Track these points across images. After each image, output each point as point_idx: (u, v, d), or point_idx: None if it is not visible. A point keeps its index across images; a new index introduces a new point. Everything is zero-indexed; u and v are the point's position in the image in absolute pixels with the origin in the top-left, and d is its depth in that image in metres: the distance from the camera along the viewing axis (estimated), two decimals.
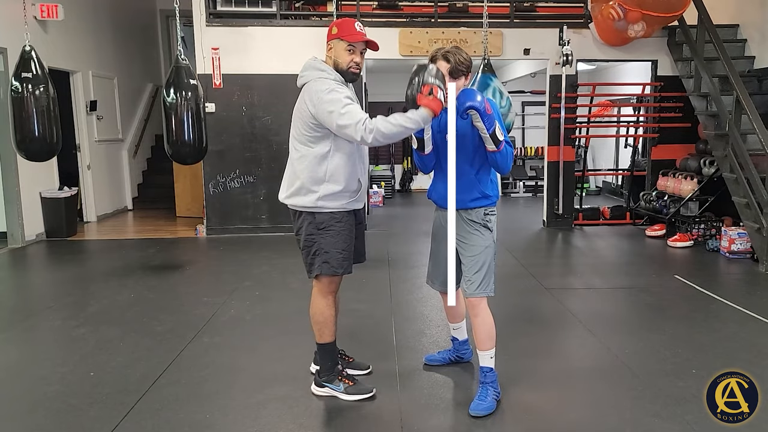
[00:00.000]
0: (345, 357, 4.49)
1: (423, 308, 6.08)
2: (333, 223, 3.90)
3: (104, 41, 11.83)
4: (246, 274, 7.37)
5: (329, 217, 3.89)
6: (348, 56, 3.90)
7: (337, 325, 4.12)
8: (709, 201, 9.31)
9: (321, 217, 3.90)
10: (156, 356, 4.82)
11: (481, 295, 3.91)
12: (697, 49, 9.13)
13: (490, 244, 3.94)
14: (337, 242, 3.91)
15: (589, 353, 4.89)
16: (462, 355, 4.59)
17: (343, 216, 3.93)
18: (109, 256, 8.77)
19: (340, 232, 3.91)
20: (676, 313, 5.88)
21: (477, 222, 3.92)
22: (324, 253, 3.91)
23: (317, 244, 3.92)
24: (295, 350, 4.86)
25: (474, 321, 3.98)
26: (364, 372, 4.44)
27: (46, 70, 7.37)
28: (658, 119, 10.31)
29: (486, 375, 3.96)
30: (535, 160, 15.46)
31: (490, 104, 3.66)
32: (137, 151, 13.16)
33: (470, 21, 9.84)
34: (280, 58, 9.56)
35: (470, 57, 3.85)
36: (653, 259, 8.20)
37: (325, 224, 3.90)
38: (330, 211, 3.89)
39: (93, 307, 6.19)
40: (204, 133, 7.49)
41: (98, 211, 11.45)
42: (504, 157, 3.72)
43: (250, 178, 9.85)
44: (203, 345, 5.07)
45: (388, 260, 7.53)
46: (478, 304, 3.93)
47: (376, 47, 3.97)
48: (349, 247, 3.98)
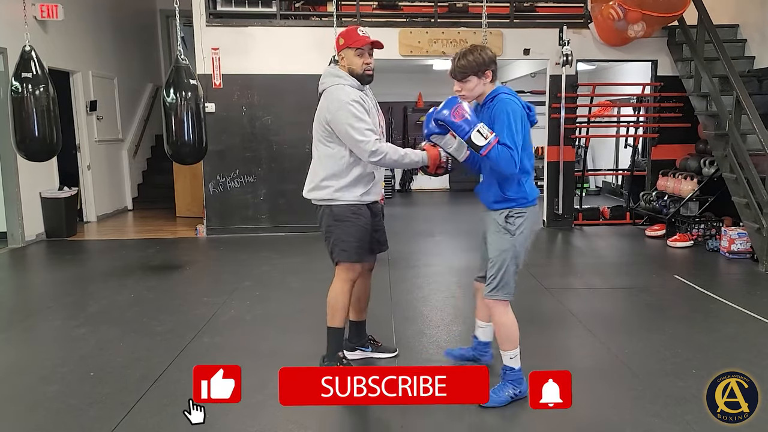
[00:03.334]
0: (374, 342, 4.83)
1: (423, 308, 6.08)
2: (349, 214, 4.24)
3: (104, 41, 11.83)
4: (246, 274, 7.37)
5: (346, 209, 4.24)
6: (359, 60, 4.19)
7: (367, 309, 4.72)
8: (709, 201, 9.30)
9: (338, 209, 4.25)
10: (156, 356, 4.82)
11: (494, 298, 3.98)
12: (697, 49, 9.12)
13: (509, 247, 3.94)
14: (353, 232, 4.25)
15: (589, 353, 4.90)
16: (480, 357, 4.54)
17: (358, 208, 4.27)
18: (109, 256, 8.79)
19: (355, 223, 4.25)
20: (676, 313, 5.90)
21: (499, 224, 3.98)
22: (341, 242, 4.26)
23: (335, 235, 4.27)
24: (295, 350, 4.87)
25: (493, 321, 4.13)
26: (391, 355, 4.79)
27: (46, 70, 7.36)
28: (658, 119, 10.30)
29: (506, 373, 4.01)
30: (534, 160, 15.45)
31: (464, 109, 3.70)
32: (137, 151, 13.16)
33: (470, 21, 9.85)
34: (281, 59, 9.57)
35: (484, 56, 3.85)
36: (653, 259, 8.20)
37: (342, 215, 4.24)
38: (345, 203, 4.23)
39: (93, 307, 6.20)
40: (204, 133, 7.48)
41: (98, 211, 11.44)
42: (495, 161, 3.72)
43: (250, 178, 9.84)
44: (203, 345, 5.08)
45: (388, 260, 7.52)
46: (494, 306, 4.02)
47: (381, 46, 4.29)
48: (364, 237, 4.32)
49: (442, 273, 7.56)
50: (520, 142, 3.76)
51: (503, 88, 3.92)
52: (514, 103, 3.81)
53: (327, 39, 5.07)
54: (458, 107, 3.70)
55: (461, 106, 3.71)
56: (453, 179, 15.76)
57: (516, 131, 3.73)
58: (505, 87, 3.94)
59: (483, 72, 3.85)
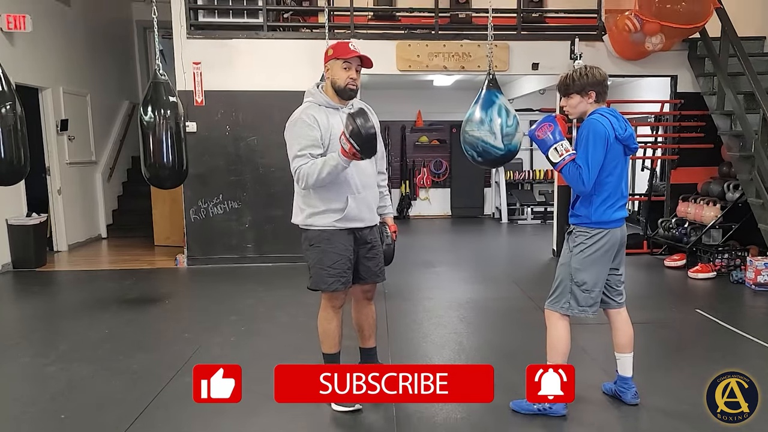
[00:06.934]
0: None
1: (423, 345, 6.14)
2: (320, 240, 4.46)
3: (76, 55, 11.91)
4: (230, 307, 7.42)
5: (317, 234, 4.47)
6: (344, 73, 4.40)
7: (375, 336, 4.99)
8: (733, 229, 9.30)
9: (311, 234, 4.50)
10: (132, 397, 4.87)
11: (548, 308, 4.53)
12: (721, 64, 9.13)
13: (566, 262, 4.45)
14: (323, 259, 4.45)
15: (602, 394, 4.93)
16: (620, 393, 4.67)
17: (332, 234, 4.46)
18: (82, 288, 8.83)
19: (325, 249, 4.44)
20: (697, 351, 5.94)
21: (566, 237, 4.54)
22: (314, 268, 4.50)
23: (308, 260, 4.54)
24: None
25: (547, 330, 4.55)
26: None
27: (13, 86, 7.37)
28: (678, 140, 10.38)
29: None
30: (544, 184, 15.57)
31: (549, 126, 4.28)
32: (112, 175, 13.21)
33: (474, 33, 9.94)
34: (268, 74, 9.63)
35: (589, 76, 4.33)
36: (672, 291, 8.26)
37: (314, 241, 4.48)
38: (319, 228, 4.46)
39: (64, 344, 6.24)
40: (184, 155, 7.51)
41: (69, 240, 11.47)
42: (566, 177, 4.30)
43: (234, 203, 9.89)
44: (184, 385, 5.06)
45: (385, 293, 7.57)
46: (549, 315, 4.53)
47: (371, 64, 4.48)
48: (338, 265, 4.46)
49: (444, 307, 7.57)
50: (596, 163, 4.20)
51: (602, 109, 4.35)
52: (600, 125, 4.23)
53: (318, 52, 5.12)
54: (543, 126, 4.29)
55: (546, 125, 4.28)
56: (455, 205, 15.86)
57: (592, 152, 4.19)
58: (605, 108, 4.39)
59: (586, 92, 4.33)
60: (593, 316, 4.48)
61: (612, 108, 4.41)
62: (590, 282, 4.35)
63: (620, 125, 4.26)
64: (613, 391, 4.74)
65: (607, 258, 4.37)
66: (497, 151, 6.81)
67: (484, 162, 7.10)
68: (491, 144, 6.77)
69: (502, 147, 6.80)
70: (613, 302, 4.60)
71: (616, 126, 4.24)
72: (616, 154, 4.28)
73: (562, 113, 4.80)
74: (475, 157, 6.95)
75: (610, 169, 4.27)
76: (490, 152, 6.82)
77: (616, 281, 4.55)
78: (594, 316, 4.51)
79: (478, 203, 16.02)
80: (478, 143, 6.81)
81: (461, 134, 7.07)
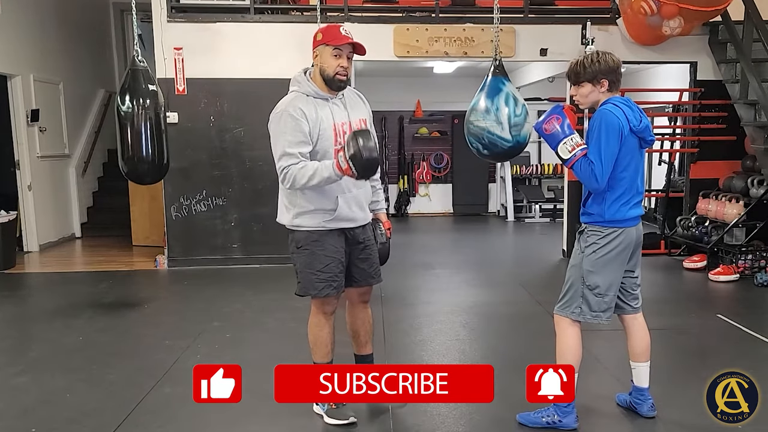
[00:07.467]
0: None
1: (423, 353, 6.13)
2: (309, 242, 4.41)
3: (48, 40, 11.87)
4: (215, 313, 7.41)
5: (305, 236, 4.42)
6: (335, 61, 4.29)
7: (371, 342, 4.96)
8: (757, 227, 9.27)
9: (298, 236, 4.45)
10: (108, 410, 4.85)
11: (558, 314, 4.48)
12: (744, 49, 9.08)
13: (576, 264, 4.40)
14: (312, 263, 4.40)
15: (616, 406, 4.92)
16: (636, 405, 4.66)
17: (321, 235, 4.40)
18: (54, 291, 8.82)
19: (314, 252, 4.39)
20: (719, 359, 5.92)
21: (576, 237, 4.50)
22: (302, 272, 4.47)
23: (296, 264, 4.52)
24: (272, 403, 4.89)
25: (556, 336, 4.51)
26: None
27: None
28: (698, 131, 10.37)
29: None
30: (553, 180, 15.56)
31: (557, 119, 4.22)
32: (87, 169, 13.19)
33: (478, 16, 9.93)
34: (255, 60, 9.59)
35: (602, 64, 4.24)
36: (692, 295, 8.26)
37: (301, 243, 4.43)
38: (307, 229, 4.41)
39: (35, 352, 6.23)
40: (165, 148, 7.52)
41: (41, 240, 11.46)
42: (577, 174, 4.24)
43: (219, 200, 9.87)
44: (164, 396, 5.10)
45: (381, 297, 7.57)
46: (558, 321, 4.49)
47: (363, 51, 4.36)
48: (329, 269, 4.41)
49: (445, 312, 7.57)
50: (610, 158, 4.15)
51: (615, 99, 4.28)
52: (613, 116, 4.17)
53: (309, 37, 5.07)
54: (551, 119, 4.22)
55: (554, 117, 4.21)
56: (457, 202, 15.84)
57: (605, 145, 4.14)
58: (618, 97, 4.30)
59: (599, 80, 4.24)
60: (607, 322, 4.42)
61: (626, 97, 4.36)
62: (603, 285, 4.31)
63: (635, 116, 4.21)
64: (627, 403, 4.72)
65: (621, 259, 4.33)
66: (505, 142, 6.80)
67: (490, 155, 7.10)
68: (498, 135, 6.75)
69: (510, 138, 6.78)
70: (628, 307, 4.57)
71: (631, 117, 4.19)
72: (631, 147, 4.22)
73: (572, 103, 4.78)
74: (480, 149, 6.94)
75: (624, 164, 4.21)
76: (497, 144, 6.81)
77: (631, 284, 4.52)
78: (608, 322, 4.45)
79: (481, 200, 16.01)
80: (484, 134, 6.80)
81: (465, 125, 7.06)
